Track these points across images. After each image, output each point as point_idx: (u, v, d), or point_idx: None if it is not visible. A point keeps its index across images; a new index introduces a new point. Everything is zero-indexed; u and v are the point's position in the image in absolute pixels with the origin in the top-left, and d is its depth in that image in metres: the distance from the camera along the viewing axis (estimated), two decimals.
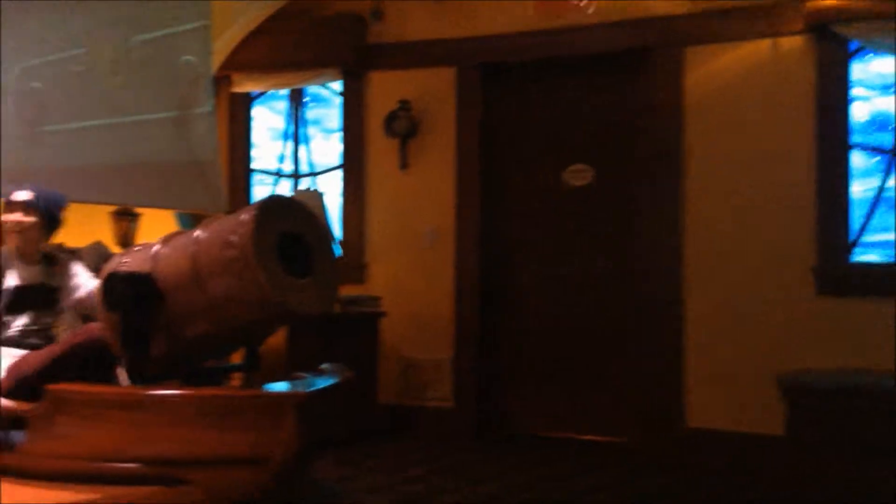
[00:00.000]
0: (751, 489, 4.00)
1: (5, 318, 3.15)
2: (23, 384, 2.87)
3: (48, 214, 3.28)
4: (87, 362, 2.81)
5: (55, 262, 3.36)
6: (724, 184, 4.60)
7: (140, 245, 3.00)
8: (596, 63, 5.01)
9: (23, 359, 3.00)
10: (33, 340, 3.13)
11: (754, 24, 4.56)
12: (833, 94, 4.44)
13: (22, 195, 3.23)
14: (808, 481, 3.84)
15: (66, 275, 3.36)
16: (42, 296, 3.24)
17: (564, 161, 5.09)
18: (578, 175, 5.05)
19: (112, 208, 4.77)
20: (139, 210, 4.83)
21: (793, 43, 4.50)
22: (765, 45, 4.57)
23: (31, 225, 3.24)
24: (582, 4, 4.91)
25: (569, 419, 4.98)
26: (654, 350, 4.70)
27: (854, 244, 4.44)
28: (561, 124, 5.15)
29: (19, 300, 3.17)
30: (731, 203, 4.57)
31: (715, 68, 4.67)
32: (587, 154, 5.05)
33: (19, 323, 3.17)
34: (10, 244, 3.24)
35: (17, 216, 3.22)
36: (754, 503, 3.87)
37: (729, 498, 3.90)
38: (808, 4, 4.36)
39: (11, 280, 3.19)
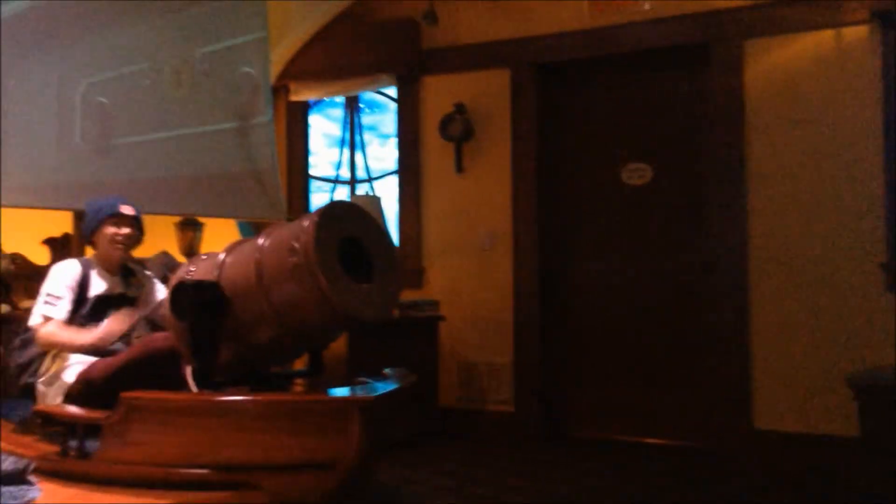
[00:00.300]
0: (822, 492, 3.89)
1: (88, 326, 3.24)
2: (89, 390, 2.97)
3: (141, 227, 3.45)
4: (155, 370, 2.89)
5: (132, 273, 3.49)
6: (789, 179, 4.49)
7: (206, 254, 3.07)
8: (652, 59, 4.95)
9: (91, 365, 3.10)
10: (115, 347, 3.23)
11: (815, 13, 4.44)
12: None
13: (130, 209, 3.36)
14: (881, 483, 3.72)
15: (143, 286, 3.49)
16: (122, 305, 3.34)
17: (622, 160, 5.04)
18: (636, 174, 4.99)
19: (177, 218, 4.89)
20: (202, 219, 4.94)
21: (856, 32, 4.38)
22: (827, 35, 4.45)
23: (136, 238, 3.41)
24: (637, 0, 4.85)
25: (632, 423, 4.92)
26: (720, 350, 4.62)
27: None
28: (618, 123, 5.09)
29: (102, 309, 3.29)
30: (795, 198, 4.47)
31: (775, 61, 4.57)
32: (645, 153, 4.99)
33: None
34: (113, 254, 3.35)
35: (126, 230, 3.35)
36: None
37: (800, 502, 3.81)
38: None
39: (94, 289, 3.31)
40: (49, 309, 3.20)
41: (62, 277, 3.26)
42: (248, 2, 4.81)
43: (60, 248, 4.46)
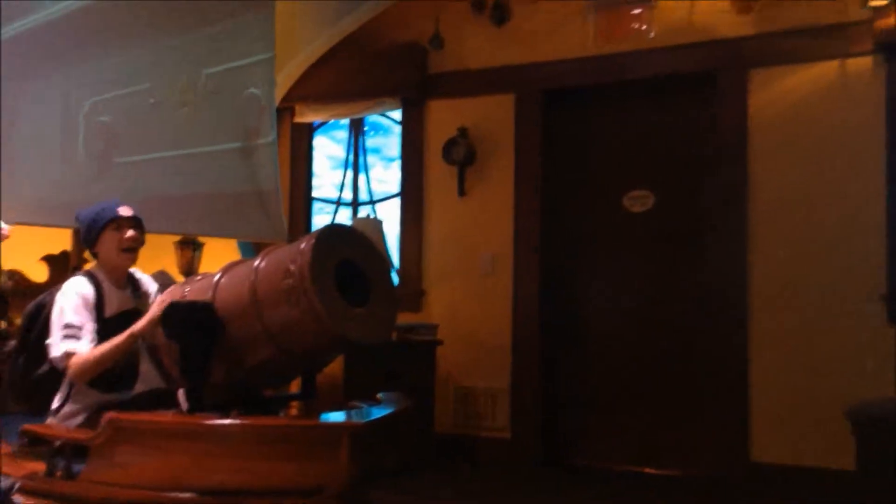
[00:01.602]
0: None
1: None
2: None
3: (143, 229, 3.10)
4: None
5: (137, 284, 3.17)
6: (791, 209, 4.48)
7: (202, 274, 3.04)
8: (657, 87, 4.95)
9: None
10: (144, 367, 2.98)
11: (821, 44, 4.45)
12: None
13: (129, 210, 3.03)
14: None
15: (149, 296, 3.19)
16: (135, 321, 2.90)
17: (625, 187, 5.03)
18: (639, 201, 4.98)
19: (176, 237, 4.88)
20: (202, 239, 4.93)
21: (861, 63, 4.38)
22: (832, 66, 4.45)
23: (141, 242, 3.05)
24: (643, 28, 4.86)
25: (630, 451, 4.87)
26: (719, 380, 4.58)
27: None
28: (621, 150, 5.09)
29: (122, 329, 2.88)
30: (797, 229, 4.45)
31: (780, 90, 4.57)
32: (648, 179, 4.98)
33: None
34: (121, 263, 3.04)
35: (131, 233, 3.01)
36: None
37: None
38: (877, 24, 4.23)
39: (109, 307, 3.00)
40: (73, 344, 2.84)
41: (78, 301, 2.90)
42: (256, 23, 4.82)
43: (59, 265, 4.45)
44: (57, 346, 2.88)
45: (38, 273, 4.47)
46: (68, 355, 2.85)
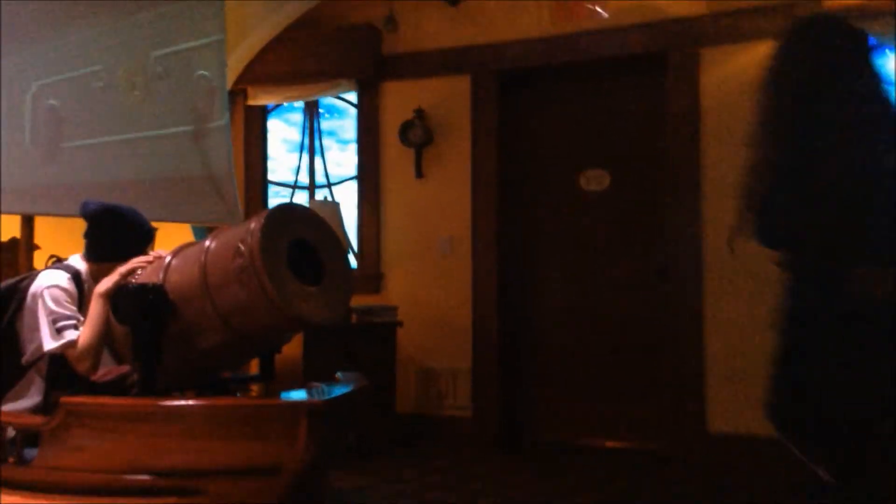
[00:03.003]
0: (776, 493, 3.93)
1: None
2: None
3: None
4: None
5: None
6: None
7: (154, 253, 3.00)
8: (611, 67, 4.98)
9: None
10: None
11: (770, 22, 4.50)
12: None
13: None
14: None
15: None
16: None
17: (581, 166, 5.06)
18: (594, 180, 5.02)
19: None
20: (155, 224, 4.84)
21: None
22: None
23: None
24: (597, 9, 4.89)
25: (591, 426, 4.94)
26: (676, 354, 4.65)
27: None
28: (577, 129, 5.12)
29: None
30: None
31: (731, 69, 4.62)
32: (603, 159, 5.02)
33: None
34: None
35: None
36: None
37: (751, 501, 3.85)
38: (826, 2, 4.30)
39: (87, 306, 2.89)
40: (72, 333, 2.79)
41: (64, 296, 2.85)
42: (206, 4, 4.74)
43: (8, 252, 4.36)
44: (53, 337, 2.79)
45: None
46: (71, 344, 2.77)
